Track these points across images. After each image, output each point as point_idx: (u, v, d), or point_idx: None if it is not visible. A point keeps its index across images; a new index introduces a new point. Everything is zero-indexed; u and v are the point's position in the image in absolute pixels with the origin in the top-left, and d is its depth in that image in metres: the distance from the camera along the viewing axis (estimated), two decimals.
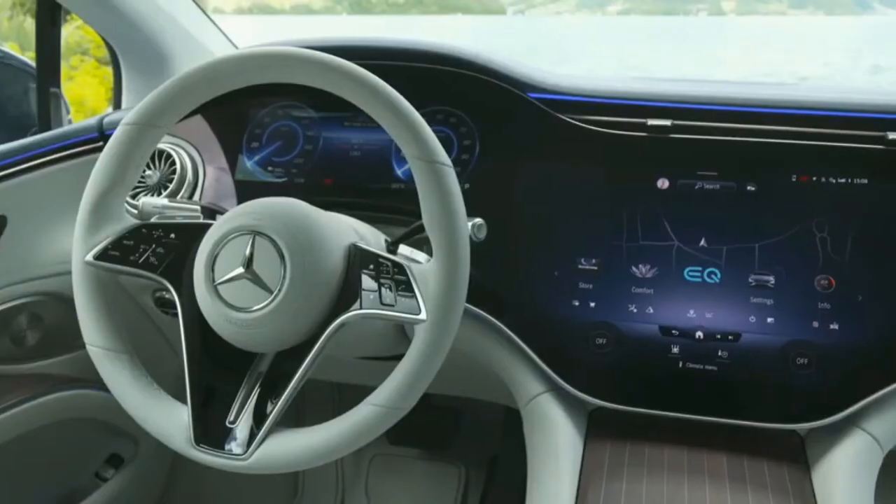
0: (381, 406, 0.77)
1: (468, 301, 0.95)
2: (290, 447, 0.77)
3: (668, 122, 1.02)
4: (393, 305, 0.77)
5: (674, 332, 0.96)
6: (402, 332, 0.99)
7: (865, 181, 0.95)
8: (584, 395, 0.97)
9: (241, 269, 0.76)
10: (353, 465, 1.70)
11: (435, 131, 0.81)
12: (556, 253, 1.01)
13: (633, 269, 0.98)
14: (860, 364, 0.91)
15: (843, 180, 0.96)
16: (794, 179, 0.97)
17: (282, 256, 0.76)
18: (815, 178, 0.96)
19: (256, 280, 0.76)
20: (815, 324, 0.93)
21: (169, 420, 0.80)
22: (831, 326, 0.92)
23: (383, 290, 0.78)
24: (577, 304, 0.99)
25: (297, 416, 1.57)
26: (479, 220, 0.87)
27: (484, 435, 1.67)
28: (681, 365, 0.96)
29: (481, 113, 1.09)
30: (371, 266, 0.80)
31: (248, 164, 1.16)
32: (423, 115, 0.80)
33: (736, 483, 0.88)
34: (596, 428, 0.99)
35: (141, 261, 0.84)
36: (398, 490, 1.67)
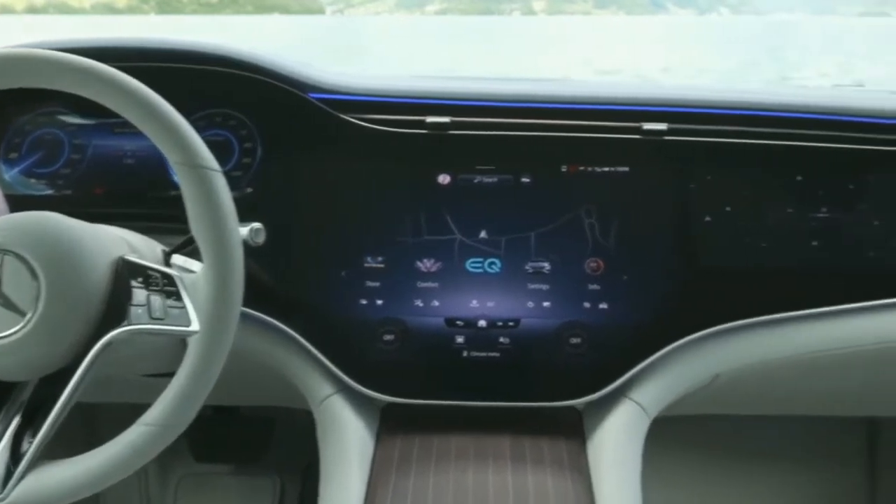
0: (154, 425, 0.73)
1: (253, 306, 0.93)
2: (55, 480, 0.72)
3: (446, 119, 1.05)
4: (163, 319, 0.75)
5: (458, 322, 0.99)
6: (185, 345, 0.95)
7: (626, 169, 1.03)
8: (373, 392, 0.98)
9: None
10: (159, 488, 1.60)
11: (213, 134, 0.78)
12: (343, 253, 1.01)
13: (419, 263, 1.00)
14: (626, 338, 0.98)
15: (606, 169, 1.03)
16: (563, 170, 1.03)
17: (34, 275, 0.71)
18: (582, 168, 1.03)
19: (6, 303, 0.71)
20: (587, 304, 0.99)
21: None
22: (600, 306, 0.99)
23: (153, 303, 0.75)
24: (364, 302, 0.99)
25: (89, 441, 1.46)
26: (256, 225, 0.85)
27: (298, 443, 1.64)
28: (465, 354, 0.98)
29: (262, 115, 1.06)
30: (140, 279, 0.76)
31: (7, 176, 1.07)
32: (200, 118, 0.78)
33: (517, 463, 0.92)
34: (387, 425, 1.00)
35: None
36: None
